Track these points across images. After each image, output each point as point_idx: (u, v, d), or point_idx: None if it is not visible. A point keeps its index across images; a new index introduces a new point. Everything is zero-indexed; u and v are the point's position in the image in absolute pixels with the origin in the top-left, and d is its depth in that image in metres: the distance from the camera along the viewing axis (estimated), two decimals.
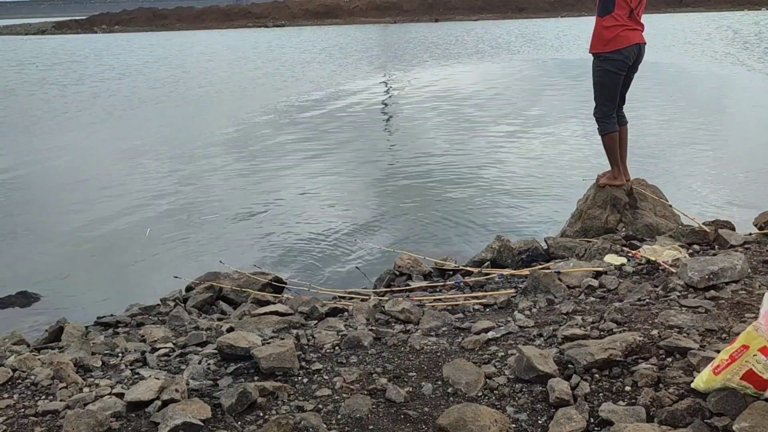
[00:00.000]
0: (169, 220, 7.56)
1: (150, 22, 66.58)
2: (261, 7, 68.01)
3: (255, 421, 2.57)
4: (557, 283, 3.99)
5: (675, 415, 2.31)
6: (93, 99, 18.25)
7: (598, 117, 5.28)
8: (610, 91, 5.18)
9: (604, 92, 5.19)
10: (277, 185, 8.84)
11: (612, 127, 5.26)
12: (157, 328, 4.06)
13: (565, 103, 14.54)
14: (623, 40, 5.04)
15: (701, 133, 10.97)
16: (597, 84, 5.19)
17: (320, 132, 12.47)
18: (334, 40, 40.25)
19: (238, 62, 27.63)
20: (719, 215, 5.66)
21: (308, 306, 4.09)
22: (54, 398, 2.84)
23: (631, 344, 2.80)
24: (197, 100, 17.62)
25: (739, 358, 2.31)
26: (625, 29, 5.04)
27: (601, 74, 5.15)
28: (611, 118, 5.25)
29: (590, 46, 5.18)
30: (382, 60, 27.35)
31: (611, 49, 5.05)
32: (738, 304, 3.25)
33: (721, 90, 15.89)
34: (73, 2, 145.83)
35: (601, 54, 5.10)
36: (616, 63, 5.08)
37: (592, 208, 5.44)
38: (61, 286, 5.92)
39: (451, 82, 19.15)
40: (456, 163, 9.57)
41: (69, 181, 9.51)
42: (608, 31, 5.03)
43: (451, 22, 56.64)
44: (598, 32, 5.08)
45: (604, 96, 5.20)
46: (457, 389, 2.71)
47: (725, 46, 26.36)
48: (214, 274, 5.39)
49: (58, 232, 7.34)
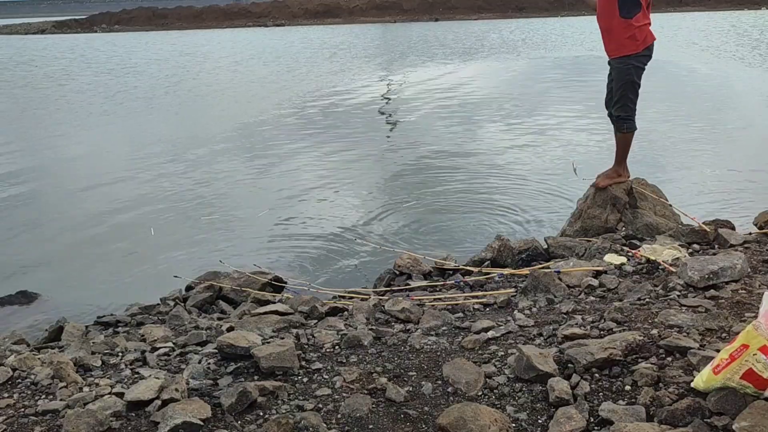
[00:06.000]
0: (169, 220, 7.56)
1: (150, 22, 66.55)
2: (261, 7, 67.99)
3: (255, 421, 2.57)
4: (557, 283, 3.99)
5: (675, 415, 2.31)
6: (95, 98, 18.25)
7: (626, 116, 5.22)
8: (638, 89, 5.18)
9: (634, 90, 5.16)
10: (278, 185, 8.84)
11: (635, 125, 5.29)
12: (157, 328, 4.06)
13: (566, 102, 14.54)
14: (650, 37, 5.09)
15: (701, 132, 10.98)
16: (628, 84, 5.13)
17: (320, 132, 12.47)
18: (334, 39, 40.23)
19: (241, 62, 27.61)
20: (719, 215, 5.66)
21: (308, 305, 4.09)
22: (54, 398, 2.83)
23: (631, 343, 2.80)
24: (201, 99, 17.63)
25: (739, 358, 2.31)
26: (647, 26, 5.08)
27: (632, 73, 5.10)
28: (635, 115, 5.26)
29: (618, 48, 5.09)
30: (382, 59, 27.35)
31: (643, 48, 5.06)
32: (738, 304, 3.25)
33: (722, 89, 15.88)
34: (72, 2, 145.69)
35: (631, 56, 5.07)
36: (646, 59, 5.10)
37: (592, 207, 5.44)
38: (61, 286, 5.92)
39: (452, 81, 19.15)
40: (456, 163, 9.57)
41: (69, 181, 9.52)
42: (639, 30, 5.02)
43: (451, 21, 56.61)
44: (630, 33, 5.02)
45: (634, 94, 5.18)
46: (457, 388, 2.71)
47: (726, 46, 26.37)
48: (214, 273, 5.39)
49: (58, 232, 7.35)
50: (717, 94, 15.02)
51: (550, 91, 16.54)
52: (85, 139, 12.82)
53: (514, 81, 18.88)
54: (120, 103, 17.22)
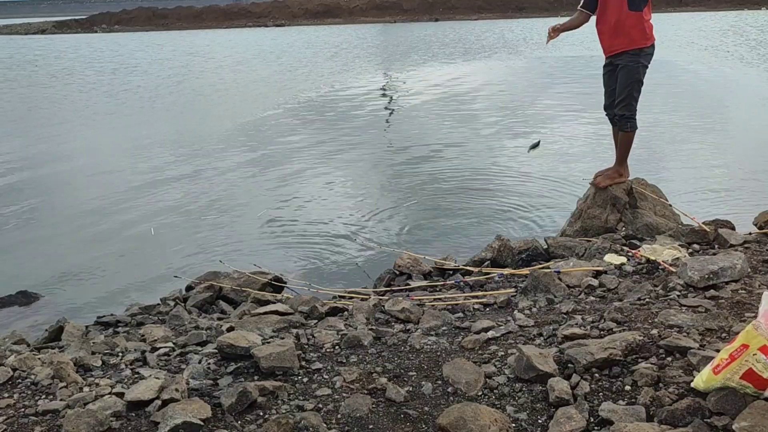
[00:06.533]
0: (169, 220, 7.56)
1: (150, 22, 66.52)
2: (261, 7, 67.96)
3: (255, 421, 2.57)
4: (557, 283, 3.99)
5: (675, 415, 2.31)
6: (99, 97, 18.28)
7: (629, 114, 5.20)
8: (641, 88, 5.17)
9: (639, 89, 5.16)
10: (278, 185, 8.84)
11: (637, 123, 5.28)
12: (157, 328, 4.06)
13: (566, 102, 14.55)
14: (653, 32, 5.08)
15: (701, 132, 10.98)
16: (635, 83, 5.11)
17: (320, 132, 12.47)
18: (335, 39, 40.22)
19: (243, 62, 27.61)
20: (719, 215, 5.66)
21: (308, 305, 4.09)
22: (54, 398, 2.83)
23: (631, 343, 2.80)
24: (204, 98, 17.64)
25: (739, 358, 2.31)
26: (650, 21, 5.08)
27: (641, 72, 5.10)
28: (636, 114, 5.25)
29: (630, 42, 5.04)
30: (383, 59, 27.35)
31: (651, 43, 5.06)
32: (738, 304, 3.25)
33: (722, 89, 15.88)
34: (72, 2, 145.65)
35: (643, 49, 5.05)
36: (650, 58, 5.10)
37: (592, 207, 5.44)
38: (61, 286, 5.92)
39: (452, 81, 19.14)
40: (456, 163, 9.58)
41: (69, 181, 9.52)
42: (647, 24, 5.02)
43: (451, 21, 56.61)
44: (640, 26, 5.00)
45: (638, 93, 5.17)
46: (457, 389, 2.71)
47: (726, 45, 26.36)
48: (214, 273, 5.39)
49: (58, 232, 7.35)
50: (717, 94, 15.02)
51: (550, 91, 16.53)
52: (88, 138, 12.83)
53: (515, 81, 18.88)
54: (124, 103, 17.23)
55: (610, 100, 5.33)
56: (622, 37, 5.07)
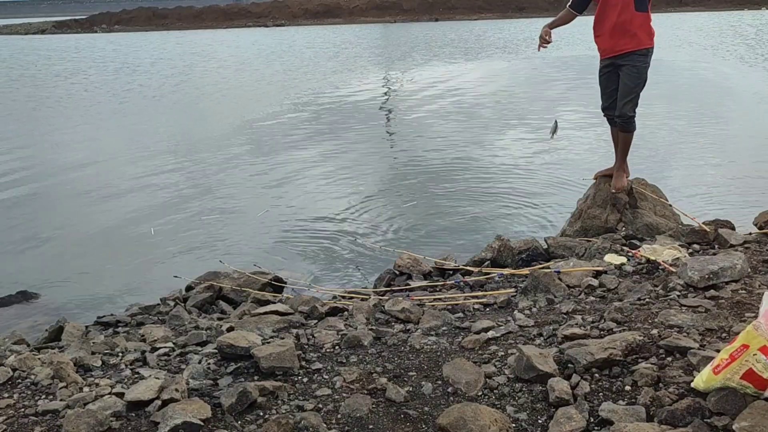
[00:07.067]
0: (169, 220, 7.56)
1: (150, 22, 66.51)
2: (261, 7, 67.96)
3: (255, 421, 2.57)
4: (557, 283, 3.99)
5: (675, 415, 2.31)
6: (103, 97, 18.27)
7: (632, 115, 5.19)
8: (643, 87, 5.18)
9: (642, 88, 5.16)
10: (278, 185, 8.83)
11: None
12: (157, 328, 4.06)
13: (566, 101, 14.54)
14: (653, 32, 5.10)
15: (701, 132, 10.97)
16: (642, 83, 5.12)
17: (321, 132, 12.46)
18: (335, 39, 40.22)
19: (245, 62, 27.60)
20: (719, 215, 5.66)
21: (308, 305, 4.09)
22: (54, 398, 2.83)
23: (631, 344, 2.80)
24: (207, 98, 17.64)
25: (739, 358, 2.31)
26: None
27: (645, 70, 5.10)
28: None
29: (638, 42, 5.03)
30: (384, 59, 27.34)
31: (654, 43, 5.07)
32: (738, 304, 3.25)
33: (722, 88, 15.87)
34: (72, 2, 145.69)
35: (650, 49, 5.06)
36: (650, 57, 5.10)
37: (592, 207, 5.45)
38: (61, 286, 5.91)
39: (452, 81, 19.15)
40: (456, 163, 9.57)
41: (70, 181, 9.51)
42: (651, 25, 5.03)
43: (451, 21, 56.60)
44: (647, 27, 5.01)
45: (640, 92, 5.17)
46: (457, 389, 2.71)
47: (726, 45, 26.35)
48: (214, 273, 5.39)
49: (58, 232, 7.34)
50: (717, 94, 15.02)
51: (550, 90, 16.53)
52: (91, 137, 12.82)
53: (515, 81, 18.87)
54: (128, 102, 17.23)
55: (610, 101, 5.29)
56: (629, 38, 5.04)
